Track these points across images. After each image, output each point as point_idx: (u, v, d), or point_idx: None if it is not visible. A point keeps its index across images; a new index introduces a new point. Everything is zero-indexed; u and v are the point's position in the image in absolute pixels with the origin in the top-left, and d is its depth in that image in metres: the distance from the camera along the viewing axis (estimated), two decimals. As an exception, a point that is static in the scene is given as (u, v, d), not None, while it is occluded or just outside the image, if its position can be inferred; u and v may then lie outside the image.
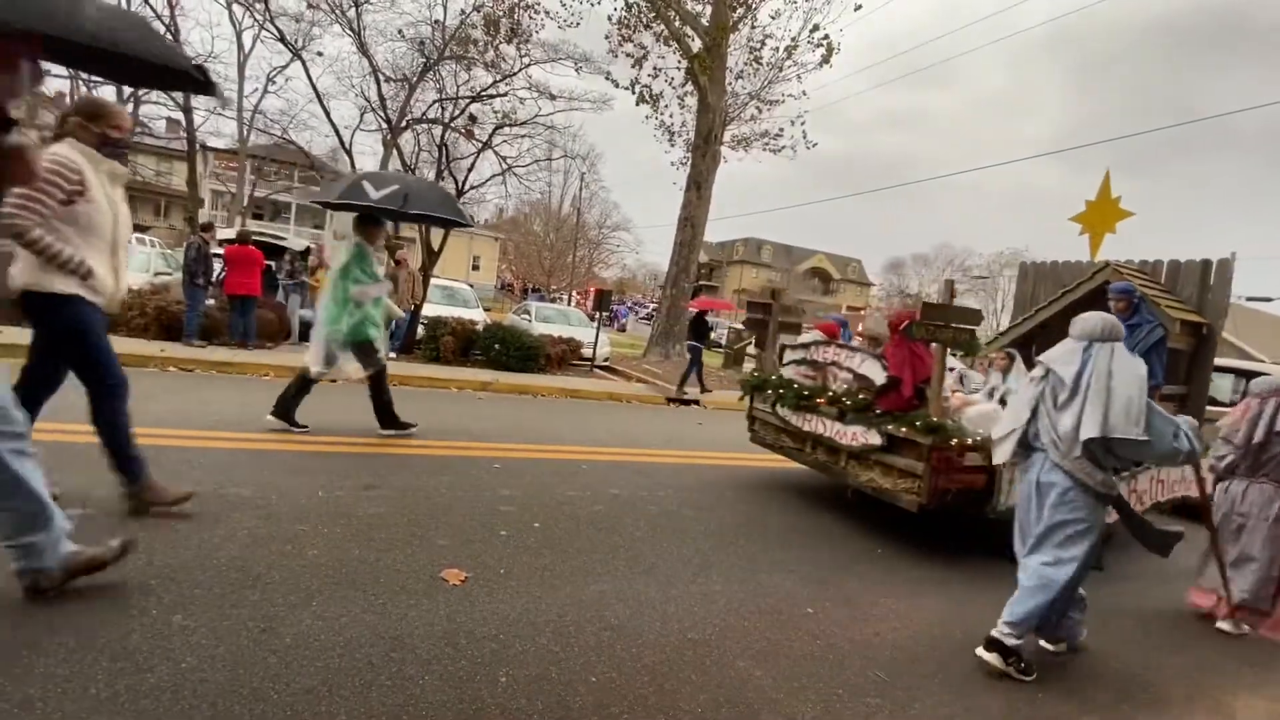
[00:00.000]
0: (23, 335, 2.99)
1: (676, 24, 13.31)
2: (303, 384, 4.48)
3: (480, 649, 2.09)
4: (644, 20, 13.58)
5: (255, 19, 14.84)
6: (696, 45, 13.36)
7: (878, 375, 4.11)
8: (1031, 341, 5.42)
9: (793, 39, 13.95)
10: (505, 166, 14.29)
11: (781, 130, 15.03)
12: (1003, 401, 4.74)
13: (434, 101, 13.18)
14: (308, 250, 10.72)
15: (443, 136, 12.53)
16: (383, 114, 12.47)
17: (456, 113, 12.67)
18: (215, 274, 8.50)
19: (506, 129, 13.51)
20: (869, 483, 3.98)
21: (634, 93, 14.02)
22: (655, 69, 14.10)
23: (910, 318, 3.93)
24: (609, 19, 13.59)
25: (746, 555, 3.38)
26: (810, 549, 3.66)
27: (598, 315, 13.44)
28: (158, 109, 29.34)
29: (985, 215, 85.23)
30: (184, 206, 29.84)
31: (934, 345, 3.84)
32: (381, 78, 12.19)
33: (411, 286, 9.91)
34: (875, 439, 3.90)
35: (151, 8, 15.67)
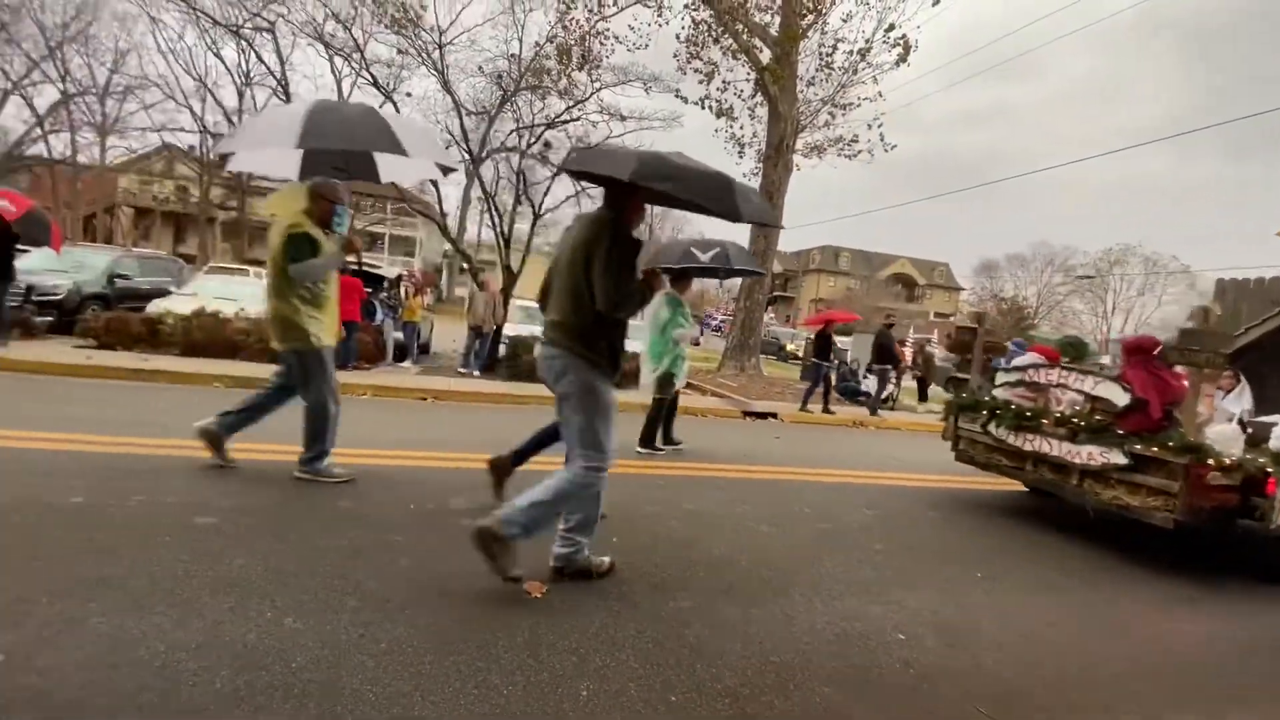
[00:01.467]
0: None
1: (745, 37, 13.30)
2: (667, 407, 5.73)
3: (561, 661, 2.13)
4: (712, 35, 13.66)
5: (353, 68, 16.12)
6: (766, 56, 13.28)
7: (1117, 397, 4.26)
8: (1239, 358, 5.42)
9: (866, 40, 13.58)
10: (579, 189, 14.70)
11: (857, 136, 14.62)
12: (1241, 423, 4.89)
13: (511, 131, 13.79)
14: (399, 278, 11.42)
15: (519, 163, 13.07)
16: (465, 146, 13.18)
17: (533, 140, 13.20)
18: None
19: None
20: (1113, 500, 4.19)
21: (704, 108, 14.09)
22: (725, 83, 14.12)
23: (1149, 343, 4.27)
24: (677, 38, 13.77)
25: (829, 575, 3.26)
26: (898, 570, 3.48)
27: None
28: (271, 154, 31.93)
29: (1086, 210, 78.95)
30: (293, 241, 32.25)
31: (1184, 368, 4.19)
32: (463, 112, 12.91)
33: (493, 308, 10.36)
34: (1118, 458, 4.10)
35: (268, 68, 17.34)
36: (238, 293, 10.60)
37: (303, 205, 3.61)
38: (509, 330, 10.88)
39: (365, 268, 11.57)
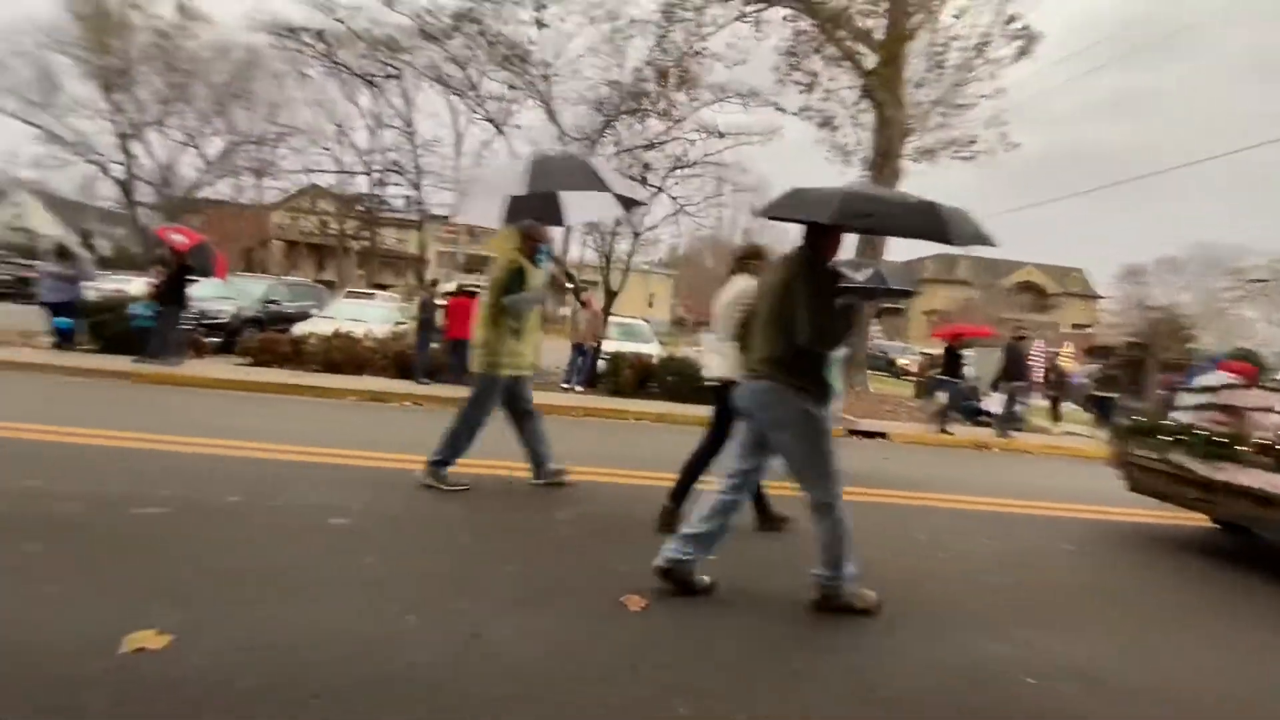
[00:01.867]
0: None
1: (848, 43, 12.93)
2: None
3: (659, 677, 2.13)
4: (813, 45, 13.40)
5: (467, 105, 17.36)
6: (870, 62, 12.82)
7: None
8: None
9: (983, 35, 12.76)
10: (678, 207, 14.87)
11: (974, 137, 13.70)
12: None
13: (613, 154, 14.23)
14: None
15: (620, 184, 13.44)
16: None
17: (632, 162, 13.54)
18: (438, 322, 9.95)
19: (678, 171, 14.09)
20: None
21: (805, 118, 13.81)
22: (826, 92, 13.78)
23: None
24: (776, 50, 13.65)
25: (945, 608, 3.02)
26: (1025, 606, 3.16)
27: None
28: (396, 188, 35.37)
29: (1254, 206, 68.52)
30: (416, 267, 35.38)
31: None
32: (567, 139, 13.51)
33: (595, 325, 10.67)
34: None
35: (395, 110, 19.02)
36: (368, 315, 11.74)
37: (516, 244, 4.06)
38: (608, 346, 11.14)
39: (477, 289, 12.35)
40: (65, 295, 8.77)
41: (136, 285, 12.16)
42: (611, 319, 11.74)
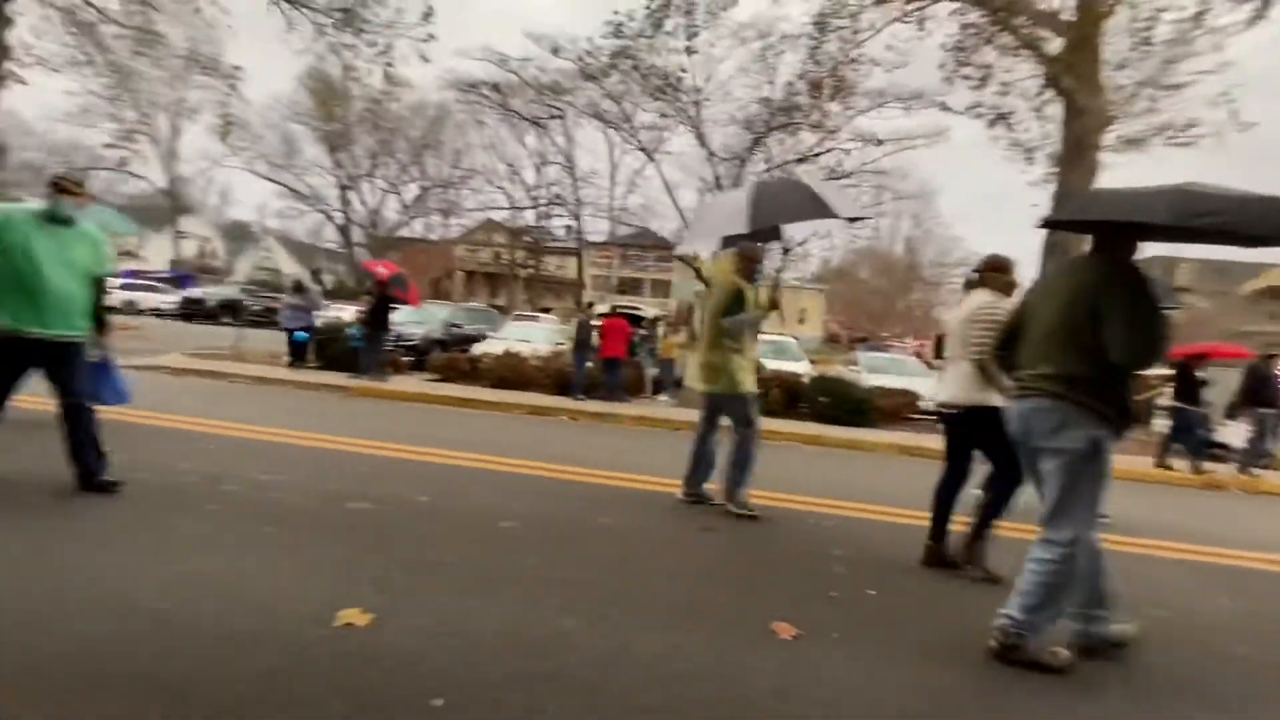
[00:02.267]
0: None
1: (1026, 30, 11.65)
2: None
3: (810, 709, 2.03)
4: (983, 37, 12.27)
5: (622, 136, 18.31)
6: (1055, 46, 11.42)
7: None
8: None
9: (1201, 1, 10.79)
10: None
11: (1193, 121, 11.58)
12: None
13: (763, 170, 14.13)
14: (656, 319, 12.39)
15: (770, 201, 13.26)
16: (718, 190, 13.91)
17: (782, 177, 13.33)
18: (594, 341, 10.52)
19: (832, 183, 13.61)
20: None
21: (976, 117, 12.65)
22: (1002, 85, 12.51)
23: None
24: (941, 47, 12.70)
25: (1160, 675, 2.53)
26: (1269, 684, 2.54)
27: (940, 363, 12.09)
28: (558, 219, 38.15)
29: None
30: (574, 290, 37.76)
31: None
32: (716, 160, 13.68)
33: (743, 343, 10.56)
34: None
35: (558, 147, 20.65)
36: (533, 336, 12.75)
37: (733, 266, 4.23)
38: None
39: (628, 310, 12.86)
40: (300, 322, 10.63)
41: (349, 313, 14.39)
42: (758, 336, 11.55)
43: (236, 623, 2.20)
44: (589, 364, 10.08)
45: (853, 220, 4.66)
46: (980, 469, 3.52)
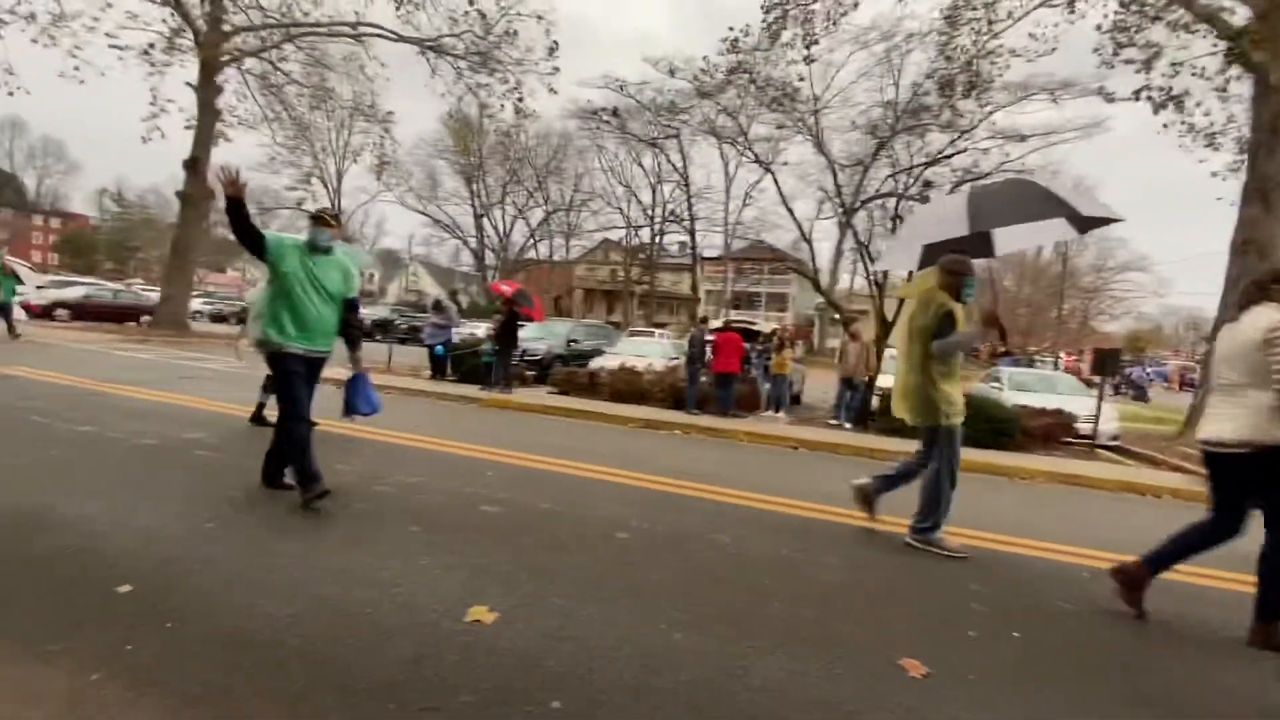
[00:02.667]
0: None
1: (1203, 1, 10.19)
2: None
3: (945, 760, 1.87)
4: (1148, 14, 10.89)
5: (738, 150, 18.25)
6: (1240, 17, 9.88)
7: None
8: None
9: None
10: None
11: None
12: None
13: (887, 176, 13.45)
14: (773, 333, 12.14)
15: (896, 208, 12.58)
16: (838, 199, 13.41)
17: (911, 181, 12.59)
18: (707, 356, 10.51)
19: (966, 185, 12.64)
20: None
21: (1141, 100, 11.22)
22: (1173, 65, 11.02)
23: None
24: (1098, 28, 11.44)
25: None
26: None
27: (1100, 380, 10.75)
28: (673, 235, 38.81)
29: None
30: (688, 305, 37.98)
31: None
32: (837, 168, 13.21)
33: (865, 358, 10.05)
34: None
35: (674, 166, 21.00)
36: (647, 351, 13.02)
37: (936, 282, 3.82)
38: (883, 381, 10.37)
39: (743, 324, 12.72)
40: (441, 338, 11.62)
41: (482, 330, 15.52)
42: (887, 351, 10.92)
43: (384, 611, 2.44)
44: (703, 379, 10.08)
45: (1097, 223, 3.98)
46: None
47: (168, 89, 18.76)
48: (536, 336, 13.31)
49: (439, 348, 11.54)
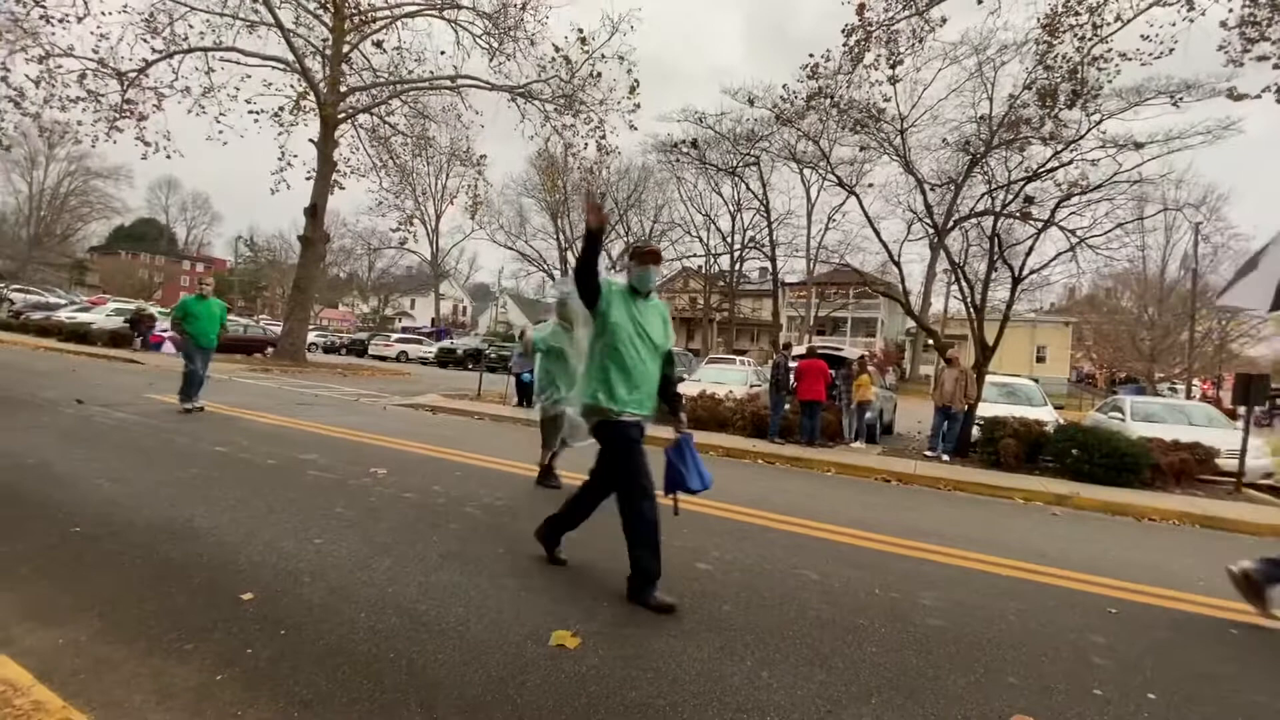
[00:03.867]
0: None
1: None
2: None
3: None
4: (1288, 3, 9.81)
5: (819, 174, 17.98)
6: None
7: None
8: None
9: None
10: (1075, 240, 12.33)
11: None
12: None
13: (983, 194, 12.77)
14: (861, 359, 11.68)
15: (994, 226, 11.88)
16: (929, 220, 12.86)
17: (1009, 198, 11.88)
18: (790, 383, 10.24)
19: (1074, 199, 11.76)
20: None
21: (1277, 97, 10.06)
22: (1321, 56, 9.81)
23: None
24: (1222, 24, 10.44)
25: None
26: None
27: (1245, 411, 9.51)
28: (752, 263, 38.55)
29: None
30: (769, 332, 37.38)
31: None
32: (926, 188, 12.69)
33: (964, 385, 9.45)
34: None
35: (753, 193, 20.99)
36: (728, 378, 12.87)
37: None
38: (984, 410, 9.70)
39: (828, 350, 12.32)
40: (527, 367, 12.04)
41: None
42: (988, 379, 10.22)
43: (473, 630, 2.51)
44: (786, 406, 9.82)
45: None
46: None
47: (292, 145, 20.96)
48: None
49: (525, 375, 11.96)
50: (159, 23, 15.71)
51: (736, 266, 40.86)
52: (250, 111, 17.58)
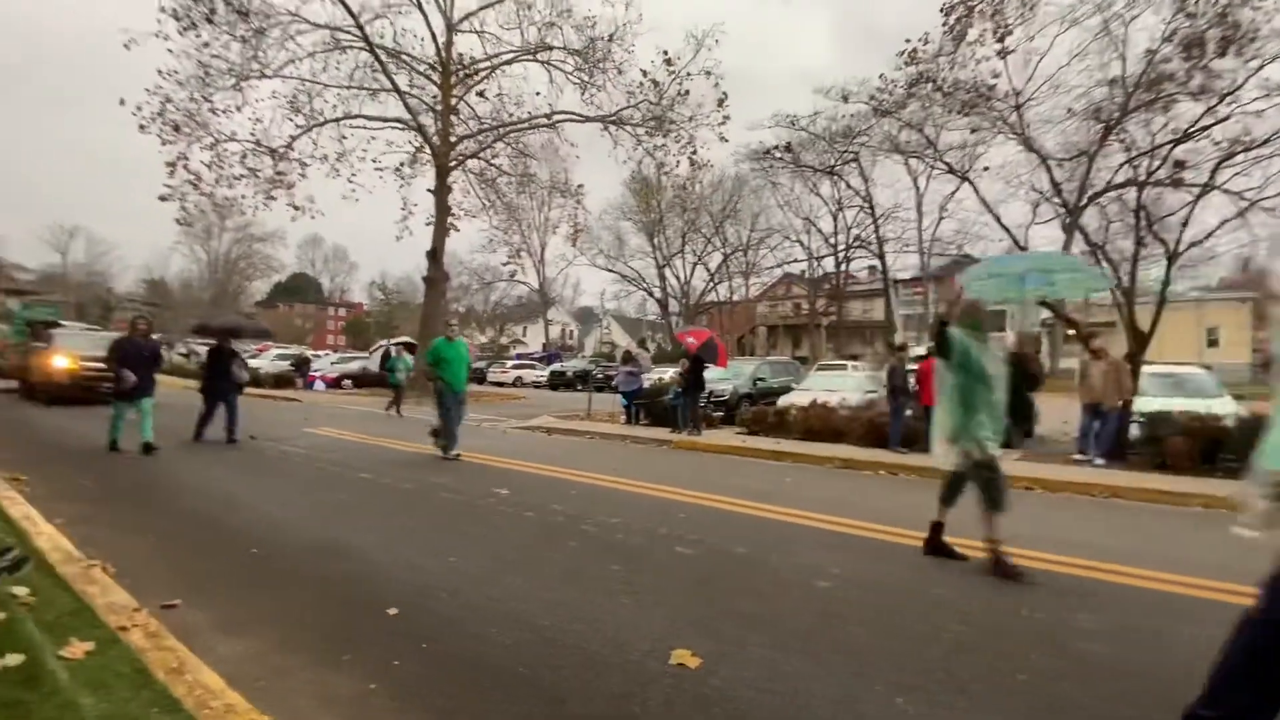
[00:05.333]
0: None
1: None
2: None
3: None
4: None
5: (926, 162, 16.96)
6: None
7: None
8: None
9: None
10: (1244, 204, 10.65)
11: None
12: None
13: (1121, 164, 11.41)
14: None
15: (1139, 198, 10.56)
16: (1059, 199, 11.68)
17: (1155, 165, 10.52)
18: (911, 387, 9.62)
19: (1238, 158, 10.20)
20: None
21: None
22: None
23: None
24: None
25: None
26: None
27: None
28: (859, 262, 36.91)
29: None
30: (883, 333, 35.48)
31: None
32: (1052, 164, 11.56)
33: (1115, 379, 8.42)
34: None
35: (854, 190, 20.17)
36: (841, 385, 12.35)
37: None
38: (1142, 405, 8.57)
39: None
40: (632, 385, 12.28)
41: (670, 375, 16.07)
42: (1145, 369, 9.03)
43: (594, 646, 2.58)
44: (908, 412, 9.22)
45: None
46: None
47: (412, 195, 22.95)
48: (722, 377, 13.39)
49: (626, 391, 12.24)
50: (300, 102, 17.93)
51: (842, 267, 39.26)
52: (376, 169, 19.52)
